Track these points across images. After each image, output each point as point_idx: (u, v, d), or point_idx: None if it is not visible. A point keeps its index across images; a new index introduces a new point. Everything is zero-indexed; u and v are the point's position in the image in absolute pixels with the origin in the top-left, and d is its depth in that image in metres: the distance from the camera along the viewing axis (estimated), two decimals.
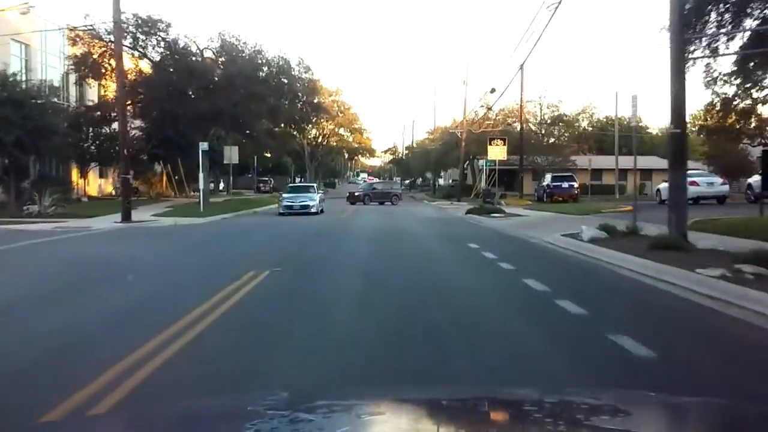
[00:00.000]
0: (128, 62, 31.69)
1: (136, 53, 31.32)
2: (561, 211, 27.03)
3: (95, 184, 45.95)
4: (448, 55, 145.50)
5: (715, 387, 4.65)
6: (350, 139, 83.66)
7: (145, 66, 32.88)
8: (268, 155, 74.81)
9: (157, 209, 28.75)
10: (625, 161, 50.43)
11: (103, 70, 30.68)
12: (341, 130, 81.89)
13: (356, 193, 43.59)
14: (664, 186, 30.80)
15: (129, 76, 31.40)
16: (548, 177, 40.72)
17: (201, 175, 28.41)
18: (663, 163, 56.11)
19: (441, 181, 79.97)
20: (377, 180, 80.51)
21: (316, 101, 35.33)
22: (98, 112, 33.51)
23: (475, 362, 5.36)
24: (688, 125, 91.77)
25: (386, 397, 2.31)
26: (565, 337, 6.20)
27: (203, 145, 27.75)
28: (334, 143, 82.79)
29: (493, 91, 31.45)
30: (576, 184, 39.36)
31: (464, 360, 5.42)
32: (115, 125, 39.29)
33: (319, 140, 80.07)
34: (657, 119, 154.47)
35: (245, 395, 3.37)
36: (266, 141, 57.20)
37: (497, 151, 27.74)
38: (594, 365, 5.22)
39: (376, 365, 5.22)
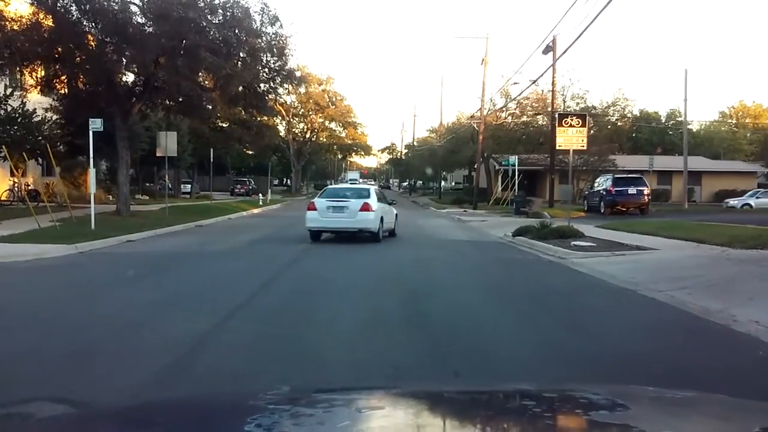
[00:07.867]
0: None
1: None
2: (680, 234, 15.89)
3: (3, 184, 35.19)
4: (455, 41, 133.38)
5: None
6: (343, 135, 72.64)
7: (26, 10, 21.88)
8: (250, 153, 65.30)
9: (38, 224, 17.49)
10: (663, 162, 42.86)
11: None
12: (332, 124, 71.09)
13: None
14: None
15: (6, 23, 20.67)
16: (606, 179, 30.17)
17: (91, 171, 17.70)
18: (713, 165, 47.38)
19: (443, 184, 70.15)
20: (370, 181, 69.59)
21: (287, 67, 24.31)
22: None
23: None
24: (721, 120, 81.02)
25: (386, 391, 2.27)
26: None
27: (94, 123, 17.17)
28: (324, 139, 71.78)
29: (547, 50, 20.77)
30: (647, 190, 28.80)
31: None
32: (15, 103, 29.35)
33: (307, 135, 69.37)
34: (701, 111, 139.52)
35: (246, 390, 3.42)
36: (237, 132, 46.58)
37: (572, 136, 17.08)
38: None
39: None
